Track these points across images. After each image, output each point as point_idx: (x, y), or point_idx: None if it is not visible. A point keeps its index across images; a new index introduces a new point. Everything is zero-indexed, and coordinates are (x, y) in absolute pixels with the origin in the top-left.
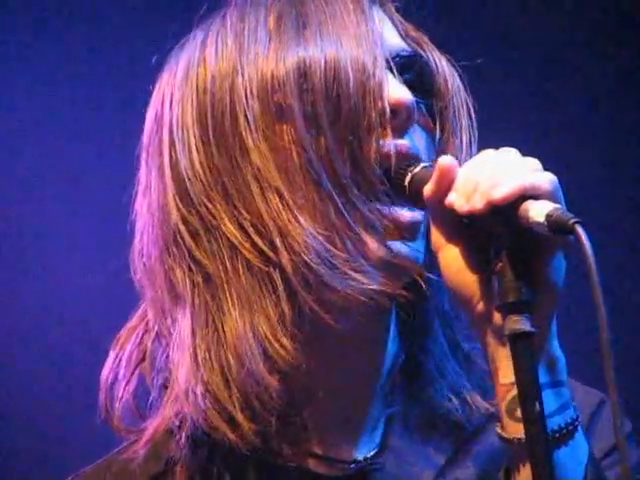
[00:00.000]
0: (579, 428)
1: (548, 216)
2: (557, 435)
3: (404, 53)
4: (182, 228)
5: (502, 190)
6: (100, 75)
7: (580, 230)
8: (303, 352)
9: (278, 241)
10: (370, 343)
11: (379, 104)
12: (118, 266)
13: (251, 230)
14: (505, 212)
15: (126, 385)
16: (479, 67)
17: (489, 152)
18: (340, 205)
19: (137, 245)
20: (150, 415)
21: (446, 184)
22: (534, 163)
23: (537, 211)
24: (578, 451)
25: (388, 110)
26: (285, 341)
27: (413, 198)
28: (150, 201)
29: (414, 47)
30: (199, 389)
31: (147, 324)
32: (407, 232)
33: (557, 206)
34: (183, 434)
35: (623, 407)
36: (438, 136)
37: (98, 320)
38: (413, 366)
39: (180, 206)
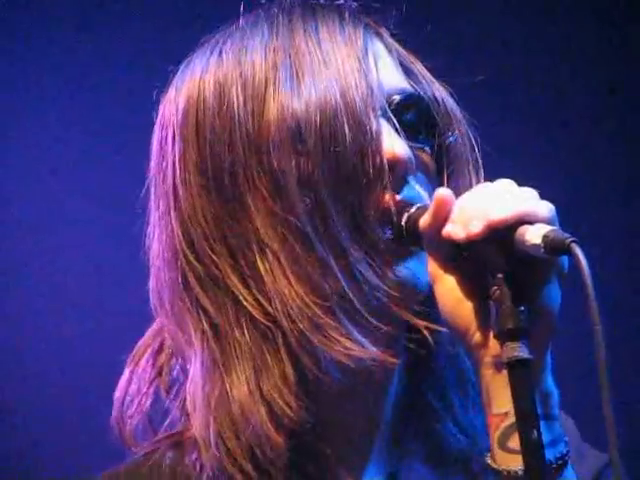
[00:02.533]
0: (569, 464)
1: (545, 237)
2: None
3: (404, 93)
4: (189, 273)
5: (501, 213)
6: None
7: (577, 249)
8: (308, 408)
9: (277, 304)
10: (373, 393)
11: (377, 161)
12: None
13: (253, 285)
14: (502, 237)
15: (141, 401)
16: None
17: (486, 184)
18: (338, 274)
19: (152, 278)
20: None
21: (443, 215)
22: (531, 192)
23: (534, 233)
24: None
25: (386, 167)
26: (290, 399)
27: (410, 238)
28: (160, 234)
29: (413, 83)
30: (212, 437)
31: (162, 342)
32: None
33: (554, 227)
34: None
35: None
36: (445, 174)
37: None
38: (419, 401)
39: (186, 251)
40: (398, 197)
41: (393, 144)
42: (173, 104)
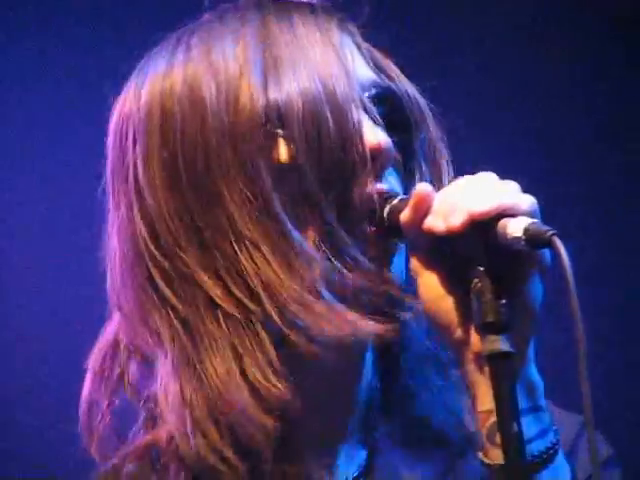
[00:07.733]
0: (559, 451)
1: (526, 230)
2: (538, 460)
3: (378, 87)
4: (155, 272)
5: (482, 205)
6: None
7: (558, 242)
8: (291, 389)
9: (262, 294)
10: (349, 374)
11: (360, 150)
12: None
13: (229, 280)
14: (483, 230)
15: (107, 406)
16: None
17: (467, 177)
18: (322, 263)
19: (111, 279)
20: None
21: (423, 209)
22: (513, 185)
23: (515, 226)
24: (560, 474)
25: (369, 156)
26: (275, 380)
27: (392, 230)
28: (122, 234)
29: (385, 79)
30: (189, 428)
31: (119, 343)
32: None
33: (535, 220)
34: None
35: (602, 429)
36: (417, 172)
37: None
38: (393, 383)
39: (152, 249)
40: (380, 186)
41: (375, 134)
42: (134, 101)
